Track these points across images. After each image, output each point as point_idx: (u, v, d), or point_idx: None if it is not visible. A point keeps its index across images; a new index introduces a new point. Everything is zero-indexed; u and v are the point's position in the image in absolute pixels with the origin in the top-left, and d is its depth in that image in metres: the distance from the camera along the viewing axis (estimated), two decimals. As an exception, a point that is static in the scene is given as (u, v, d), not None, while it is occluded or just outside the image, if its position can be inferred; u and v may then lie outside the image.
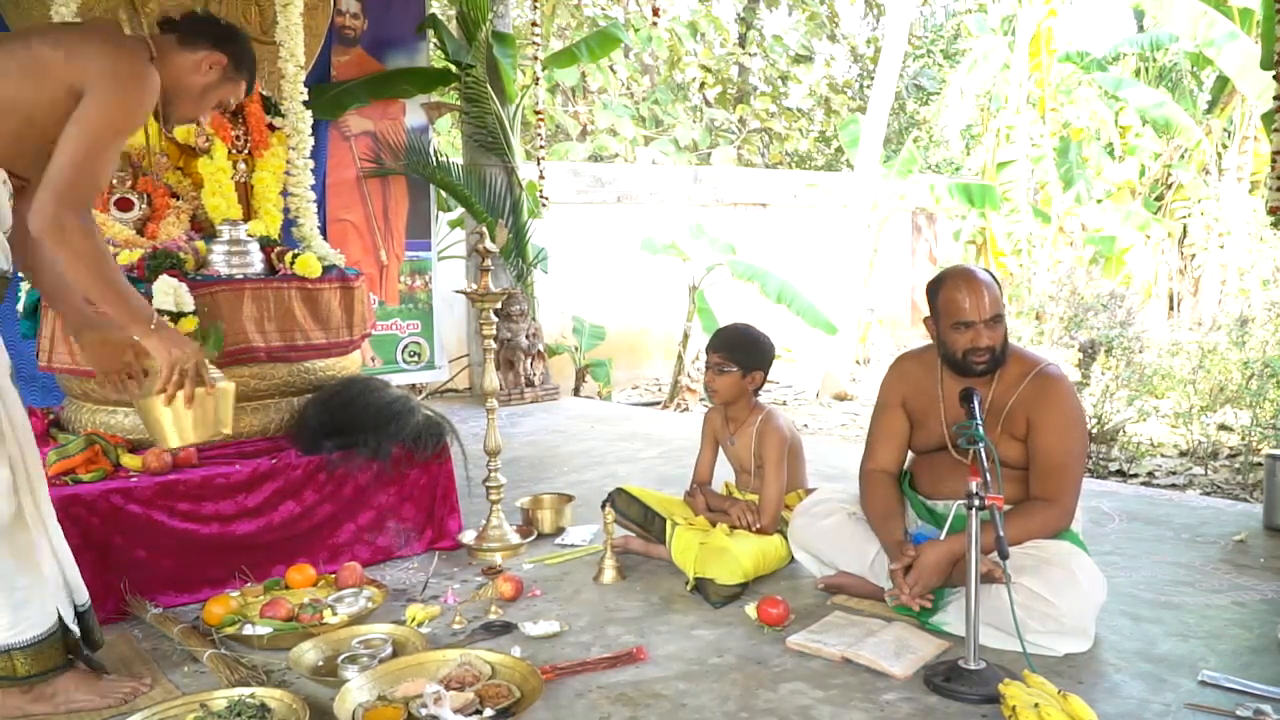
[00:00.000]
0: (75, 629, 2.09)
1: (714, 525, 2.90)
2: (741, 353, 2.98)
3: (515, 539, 3.15)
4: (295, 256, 3.18)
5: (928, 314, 2.55)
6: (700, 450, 3.19)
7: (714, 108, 16.05)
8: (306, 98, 3.50)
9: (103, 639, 2.23)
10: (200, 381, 2.05)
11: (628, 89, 15.22)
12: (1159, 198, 11.58)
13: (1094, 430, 5.98)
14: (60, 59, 1.92)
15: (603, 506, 3.01)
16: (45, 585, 2.01)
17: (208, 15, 2.32)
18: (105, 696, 2.11)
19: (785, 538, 2.86)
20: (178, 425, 2.09)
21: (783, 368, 10.23)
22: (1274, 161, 3.66)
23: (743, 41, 16.23)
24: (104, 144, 1.93)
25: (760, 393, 3.09)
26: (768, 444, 2.94)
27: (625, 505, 3.06)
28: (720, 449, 3.17)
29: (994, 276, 2.49)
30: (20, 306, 3.12)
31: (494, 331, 3.16)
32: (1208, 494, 4.80)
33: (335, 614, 2.49)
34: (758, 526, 2.86)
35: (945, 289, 2.45)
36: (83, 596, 2.14)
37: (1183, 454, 5.91)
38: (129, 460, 2.79)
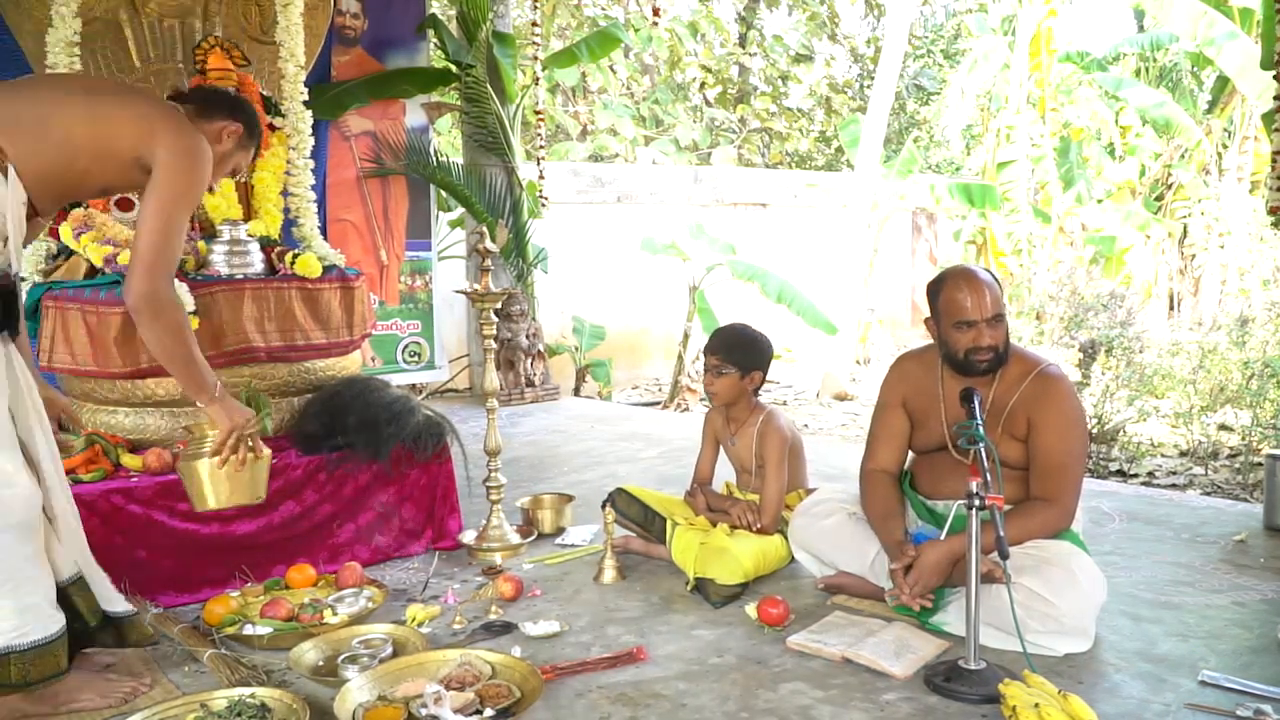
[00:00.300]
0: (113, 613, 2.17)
1: (714, 525, 2.90)
2: (739, 353, 2.98)
3: (515, 539, 3.15)
4: (295, 256, 3.18)
5: (928, 314, 2.55)
6: (701, 450, 3.19)
7: (714, 108, 16.05)
8: (306, 98, 3.49)
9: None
10: (251, 448, 2.26)
11: (628, 89, 15.22)
12: (1159, 198, 11.57)
13: (1094, 430, 5.98)
14: (129, 123, 2.06)
15: (603, 506, 3.01)
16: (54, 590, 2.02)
17: (217, 89, 2.60)
18: (105, 696, 2.11)
19: (785, 538, 2.86)
20: (216, 488, 2.24)
21: (783, 368, 10.23)
22: (1274, 161, 3.66)
23: (743, 41, 16.24)
24: (180, 218, 2.12)
25: (760, 393, 3.09)
26: (768, 444, 2.94)
27: (625, 505, 3.06)
28: (721, 449, 3.17)
29: (994, 276, 2.49)
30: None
31: (494, 331, 3.16)
32: (1208, 494, 4.80)
33: (335, 614, 2.49)
34: (758, 527, 2.86)
35: (946, 289, 2.45)
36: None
37: (1183, 454, 5.91)
38: (129, 460, 2.79)
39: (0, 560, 1.89)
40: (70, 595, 2.09)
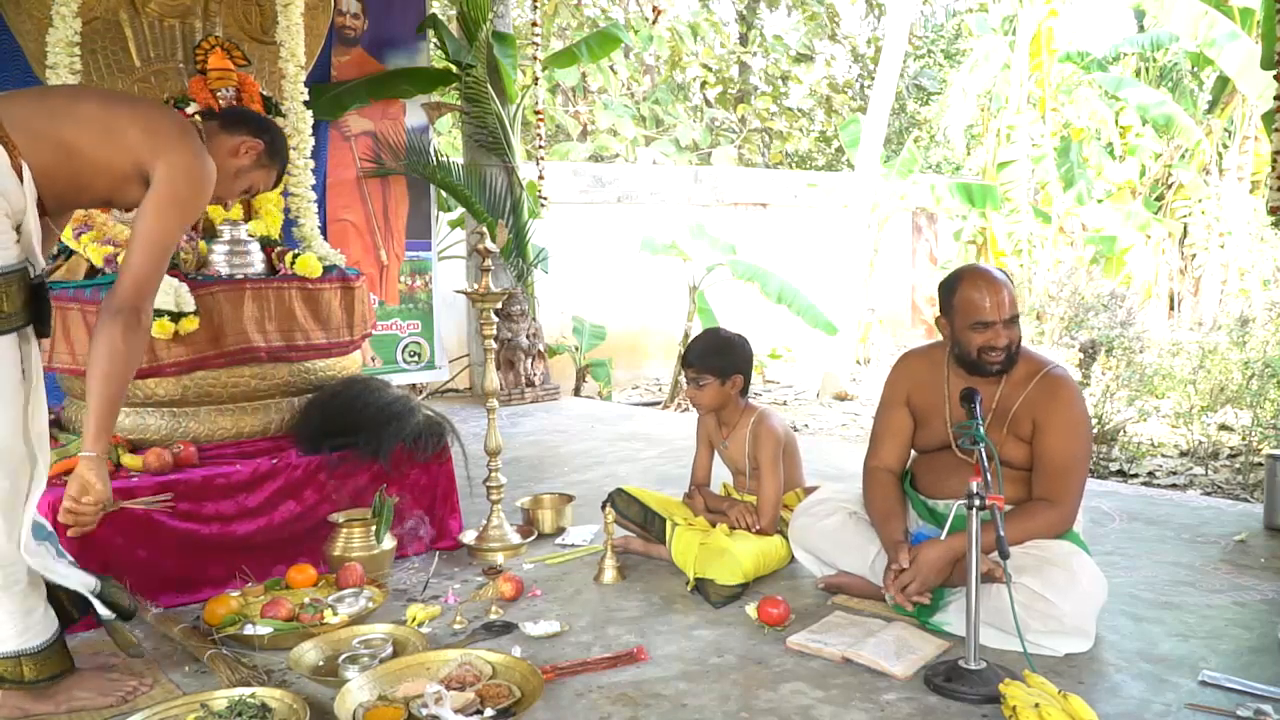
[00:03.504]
0: (104, 610, 2.11)
1: (714, 526, 2.90)
2: (715, 360, 2.95)
3: (516, 539, 3.15)
4: (296, 256, 3.17)
5: (938, 313, 2.53)
6: (696, 452, 3.19)
7: (714, 107, 16.06)
8: (307, 98, 3.49)
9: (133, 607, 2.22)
10: (89, 525, 2.00)
11: (628, 89, 15.22)
12: (1159, 198, 11.57)
13: (1095, 430, 5.98)
14: (137, 134, 2.02)
15: (603, 507, 3.01)
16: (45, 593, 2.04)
17: (249, 110, 2.60)
18: (106, 695, 2.12)
19: (785, 538, 2.86)
20: None
21: (783, 368, 10.24)
22: (1274, 161, 3.65)
23: (744, 41, 16.24)
24: (173, 238, 2.08)
25: (748, 393, 3.06)
26: (761, 446, 2.93)
27: (625, 506, 3.06)
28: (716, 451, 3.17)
29: (1008, 275, 2.48)
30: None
31: (494, 331, 3.16)
32: (1208, 494, 4.80)
33: (336, 614, 2.49)
34: (757, 528, 2.86)
35: (963, 288, 2.43)
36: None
37: (1183, 454, 5.91)
38: (129, 460, 2.79)
39: (6, 568, 1.93)
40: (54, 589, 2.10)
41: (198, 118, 2.37)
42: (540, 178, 6.56)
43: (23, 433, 1.94)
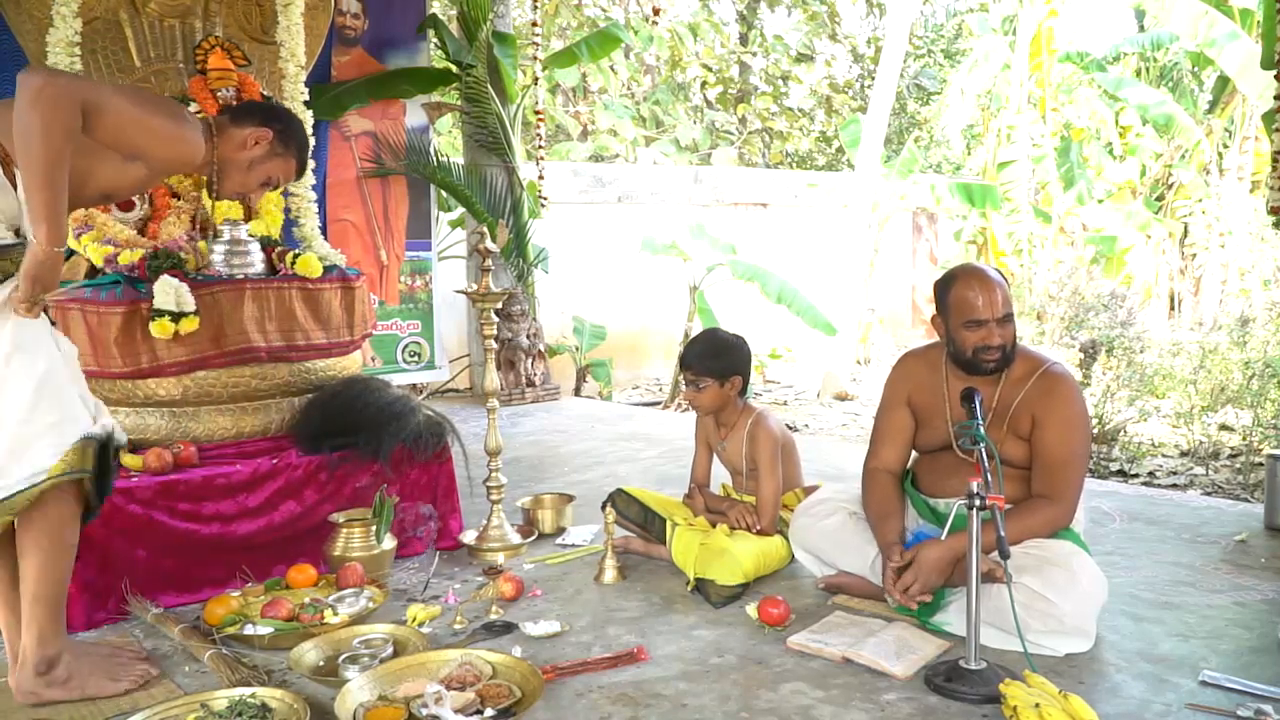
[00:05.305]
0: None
1: (714, 526, 2.90)
2: (713, 362, 2.95)
3: (516, 539, 3.15)
4: (296, 256, 3.17)
5: (934, 312, 2.54)
6: (695, 453, 3.19)
7: (715, 108, 16.06)
8: (307, 98, 3.49)
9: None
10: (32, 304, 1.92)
11: (628, 89, 15.22)
12: (1160, 197, 11.57)
13: (1095, 430, 5.98)
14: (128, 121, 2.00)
15: (603, 507, 3.01)
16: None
17: (262, 101, 2.60)
18: (118, 680, 2.14)
19: (785, 538, 2.86)
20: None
21: (783, 368, 10.24)
22: (1275, 161, 3.65)
23: (744, 41, 16.25)
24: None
25: (747, 394, 3.06)
26: (759, 446, 2.93)
27: (625, 506, 3.06)
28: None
29: (1003, 275, 2.49)
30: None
31: (495, 331, 3.16)
32: (1209, 494, 4.79)
33: (336, 614, 2.49)
34: (758, 529, 2.86)
35: (956, 287, 2.44)
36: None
37: (1184, 454, 5.91)
38: (129, 460, 2.78)
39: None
40: None
41: (213, 115, 2.38)
42: (540, 178, 6.56)
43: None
